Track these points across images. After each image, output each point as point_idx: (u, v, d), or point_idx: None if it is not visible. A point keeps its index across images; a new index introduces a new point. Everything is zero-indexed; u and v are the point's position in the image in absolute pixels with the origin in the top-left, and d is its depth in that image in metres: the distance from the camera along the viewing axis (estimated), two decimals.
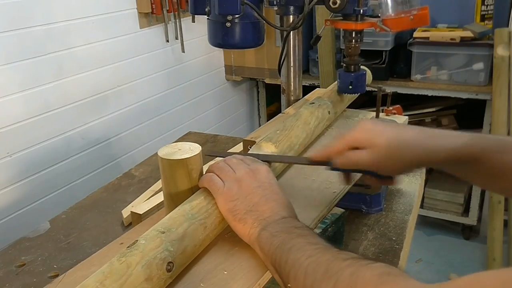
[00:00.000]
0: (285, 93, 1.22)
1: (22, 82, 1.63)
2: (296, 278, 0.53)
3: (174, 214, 0.63)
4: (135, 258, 0.55)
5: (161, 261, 0.56)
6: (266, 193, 0.65)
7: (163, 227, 0.60)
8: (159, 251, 0.57)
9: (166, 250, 0.57)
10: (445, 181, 2.61)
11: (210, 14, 1.07)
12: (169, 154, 0.69)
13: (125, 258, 0.54)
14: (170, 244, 0.58)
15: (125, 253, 0.55)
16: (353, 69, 1.05)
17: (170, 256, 0.57)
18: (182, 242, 0.60)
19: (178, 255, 0.59)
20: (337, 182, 0.80)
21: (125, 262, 0.54)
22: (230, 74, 2.75)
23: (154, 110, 2.25)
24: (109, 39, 1.94)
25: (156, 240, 0.58)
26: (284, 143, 0.84)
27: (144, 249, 0.56)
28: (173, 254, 0.58)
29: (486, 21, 2.30)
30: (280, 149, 0.82)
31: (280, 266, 0.56)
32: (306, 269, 0.53)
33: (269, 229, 0.61)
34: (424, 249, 2.47)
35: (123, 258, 0.54)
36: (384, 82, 2.36)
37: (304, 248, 0.56)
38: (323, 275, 0.50)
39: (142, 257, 0.55)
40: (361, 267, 0.48)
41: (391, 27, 0.95)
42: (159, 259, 0.56)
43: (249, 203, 0.64)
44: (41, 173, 1.74)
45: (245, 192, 0.65)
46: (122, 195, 1.12)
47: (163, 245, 0.57)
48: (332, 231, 0.72)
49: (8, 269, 0.86)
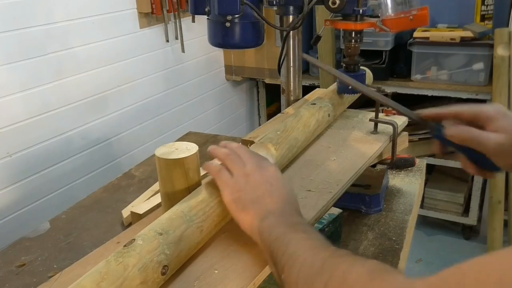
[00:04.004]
0: (285, 93, 1.22)
1: (22, 82, 1.63)
2: (291, 271, 0.54)
3: (173, 214, 0.63)
4: (132, 260, 0.54)
5: (157, 264, 0.56)
6: (272, 189, 0.66)
7: (161, 228, 0.60)
8: (156, 253, 0.56)
9: (162, 253, 0.57)
10: (445, 181, 2.62)
11: (210, 14, 1.07)
12: (166, 154, 0.69)
13: (122, 259, 0.54)
14: (167, 247, 0.58)
15: (122, 252, 0.55)
16: (353, 69, 1.05)
17: (166, 259, 0.57)
18: (178, 245, 0.60)
19: (173, 258, 0.59)
20: (334, 182, 0.80)
21: (122, 264, 0.54)
22: (230, 74, 2.76)
23: (154, 110, 2.25)
24: (109, 39, 1.94)
25: (154, 242, 0.57)
26: (284, 145, 0.84)
27: (142, 250, 0.56)
28: (169, 258, 0.58)
29: (486, 21, 2.30)
30: (279, 152, 0.82)
31: (277, 257, 0.57)
32: (302, 263, 0.53)
33: (270, 220, 0.61)
34: (424, 249, 2.47)
35: (120, 258, 0.54)
36: (384, 82, 2.36)
37: (302, 243, 0.56)
38: (318, 270, 0.51)
39: (139, 259, 0.55)
40: (354, 263, 0.49)
41: (390, 27, 0.95)
42: (155, 262, 0.56)
43: (254, 195, 0.65)
44: (41, 173, 1.74)
45: (251, 185, 0.66)
46: (122, 195, 1.12)
47: (160, 247, 0.57)
48: (329, 231, 0.72)
49: (8, 269, 0.86)
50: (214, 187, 0.68)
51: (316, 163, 0.89)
